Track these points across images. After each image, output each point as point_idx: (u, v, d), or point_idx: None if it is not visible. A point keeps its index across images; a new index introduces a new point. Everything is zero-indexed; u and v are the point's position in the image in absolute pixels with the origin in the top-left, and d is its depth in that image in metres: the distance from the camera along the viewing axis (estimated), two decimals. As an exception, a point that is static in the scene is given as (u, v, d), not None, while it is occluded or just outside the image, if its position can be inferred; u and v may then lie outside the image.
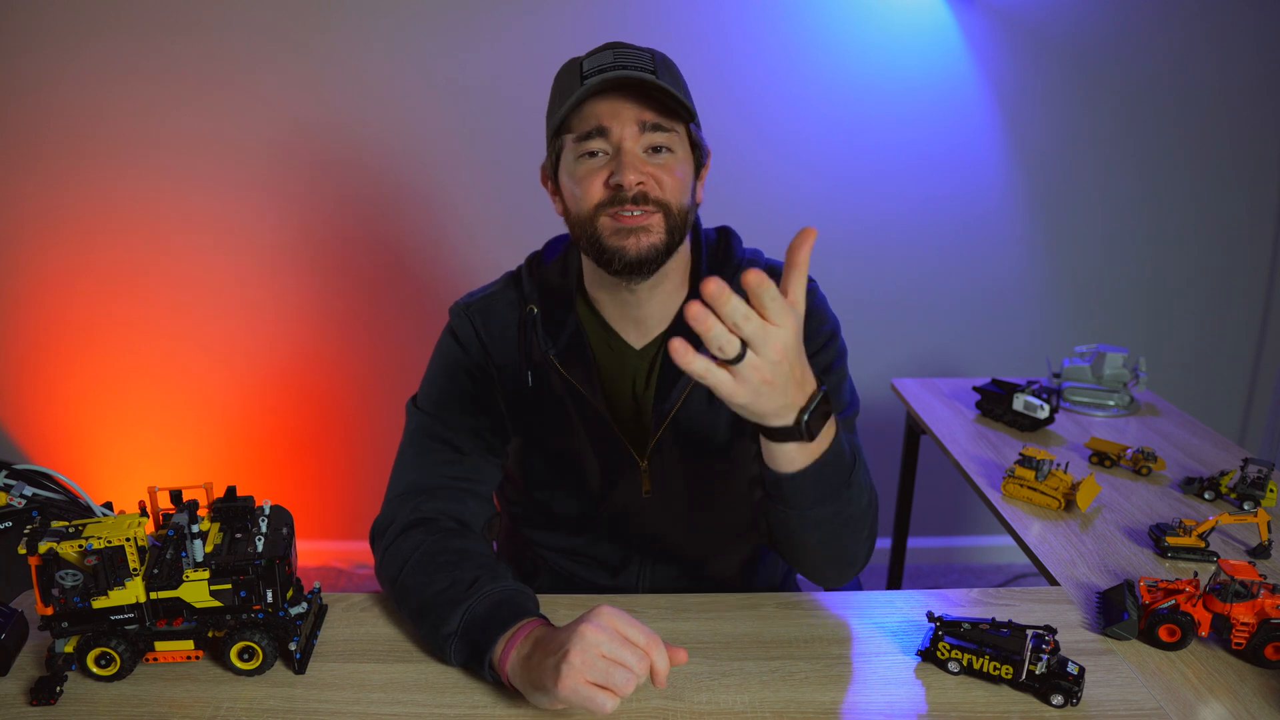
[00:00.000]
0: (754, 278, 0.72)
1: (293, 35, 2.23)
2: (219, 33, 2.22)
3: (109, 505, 1.03)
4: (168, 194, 2.34)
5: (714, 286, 0.70)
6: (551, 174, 1.12)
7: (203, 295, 2.44)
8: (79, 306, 2.44)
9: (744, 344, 0.74)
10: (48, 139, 2.29)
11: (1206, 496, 1.41)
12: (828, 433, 0.89)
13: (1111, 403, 1.81)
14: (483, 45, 2.25)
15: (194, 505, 0.96)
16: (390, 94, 2.29)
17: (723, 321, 0.73)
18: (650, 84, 1.01)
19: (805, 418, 0.83)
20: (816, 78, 2.30)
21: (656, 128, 1.03)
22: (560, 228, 1.19)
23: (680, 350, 0.73)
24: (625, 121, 1.02)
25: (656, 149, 1.04)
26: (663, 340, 1.15)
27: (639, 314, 1.14)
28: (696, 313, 0.71)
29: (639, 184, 1.02)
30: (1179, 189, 2.44)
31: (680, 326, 1.14)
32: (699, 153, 1.11)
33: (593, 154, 1.04)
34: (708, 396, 1.14)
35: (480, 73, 2.27)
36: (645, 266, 1.05)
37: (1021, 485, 1.40)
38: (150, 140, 2.30)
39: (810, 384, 0.84)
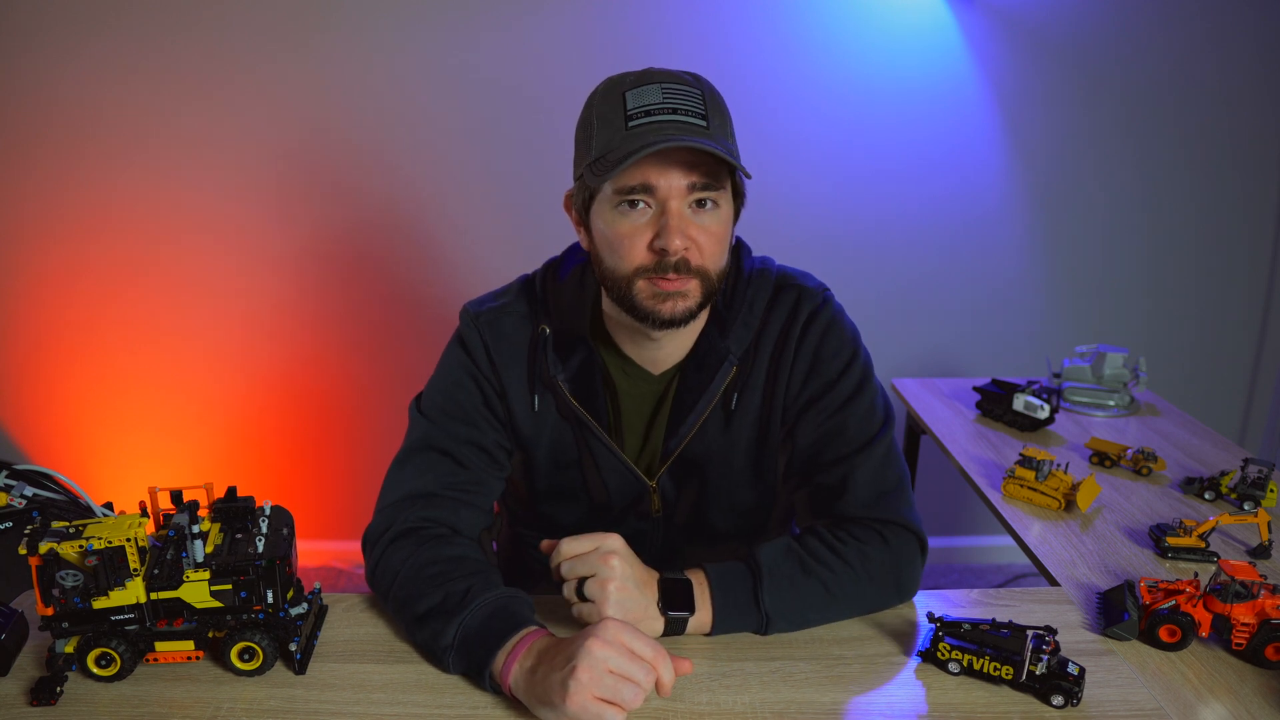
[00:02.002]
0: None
1: (293, 35, 2.23)
2: (219, 33, 2.21)
3: (109, 505, 1.03)
4: (168, 194, 2.34)
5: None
6: (580, 208, 1.06)
7: (203, 295, 2.44)
8: (79, 306, 2.44)
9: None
10: (48, 139, 2.29)
11: (1207, 496, 1.42)
12: (704, 601, 0.99)
13: (1111, 403, 1.81)
14: (485, 45, 2.25)
15: (194, 505, 0.96)
16: (392, 95, 2.29)
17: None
18: (706, 150, 0.96)
19: (669, 614, 0.96)
20: (816, 78, 2.30)
21: (706, 187, 0.99)
22: (571, 233, 1.17)
23: None
24: (674, 180, 0.97)
25: (701, 203, 1.00)
26: (679, 369, 1.13)
27: (658, 354, 1.12)
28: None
29: (684, 249, 0.99)
30: (1179, 189, 2.44)
31: (698, 355, 1.11)
32: (740, 199, 1.07)
33: (633, 204, 0.99)
34: (723, 423, 1.13)
35: (483, 74, 2.27)
36: (677, 325, 1.03)
37: (1021, 485, 1.40)
38: (150, 140, 2.30)
39: (650, 585, 0.97)
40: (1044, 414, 1.68)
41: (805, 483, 1.12)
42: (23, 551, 0.86)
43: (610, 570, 0.93)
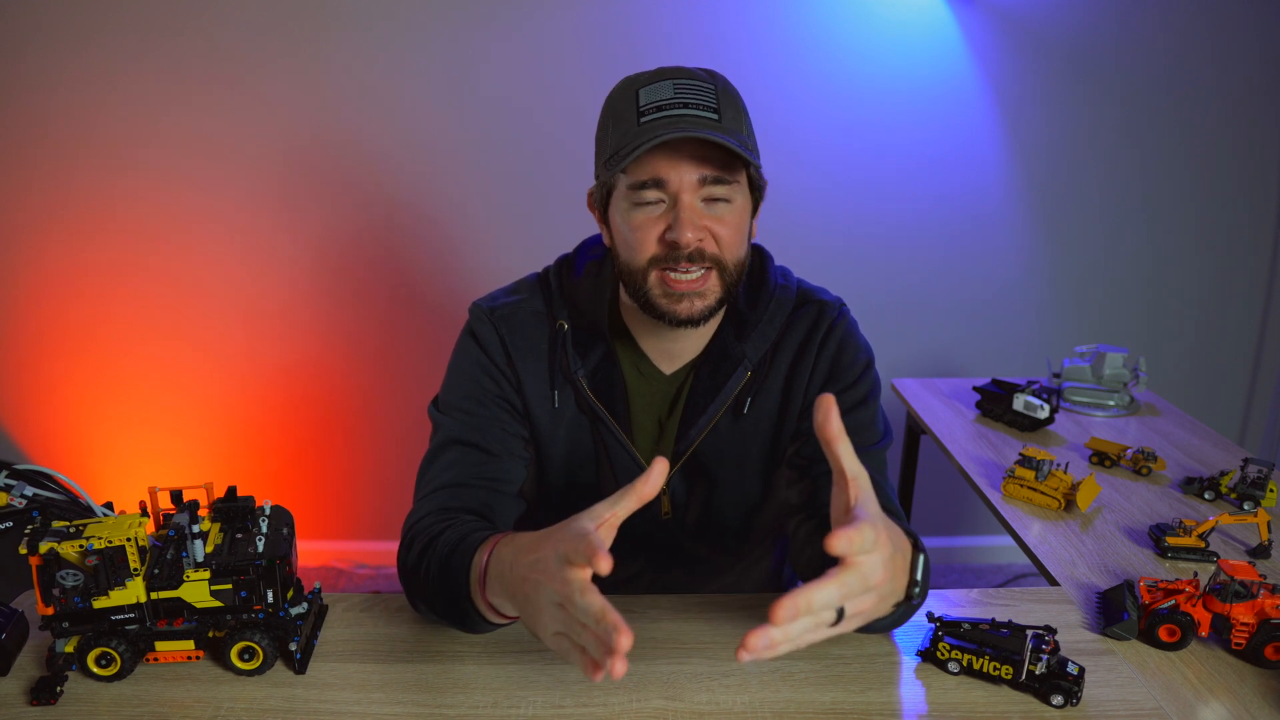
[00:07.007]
0: (840, 542, 0.62)
1: (295, 35, 2.23)
2: (219, 33, 2.22)
3: (109, 505, 1.03)
4: (168, 194, 2.34)
5: (783, 613, 0.61)
6: (600, 205, 1.07)
7: (203, 295, 2.44)
8: (79, 306, 2.44)
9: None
10: (48, 139, 2.29)
11: (1206, 496, 1.42)
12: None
13: (1111, 403, 1.81)
14: (490, 48, 2.25)
15: (194, 505, 0.96)
16: (395, 96, 2.29)
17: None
18: (714, 141, 0.95)
19: (916, 590, 0.81)
20: (816, 78, 2.30)
21: (718, 180, 0.99)
22: (575, 235, 1.17)
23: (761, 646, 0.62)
24: (684, 173, 0.97)
25: (716, 198, 1.00)
26: (692, 367, 1.13)
27: (675, 347, 1.12)
28: (775, 637, 0.62)
29: (697, 241, 0.99)
30: (1179, 189, 2.44)
31: (712, 355, 1.12)
32: (758, 193, 1.07)
33: (646, 198, 1.00)
34: (735, 426, 1.13)
35: (487, 75, 2.27)
36: (695, 324, 1.03)
37: (1021, 485, 1.40)
38: (151, 140, 2.30)
39: (904, 546, 0.79)
40: (1044, 414, 1.68)
41: (804, 475, 1.11)
42: (23, 551, 0.86)
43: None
